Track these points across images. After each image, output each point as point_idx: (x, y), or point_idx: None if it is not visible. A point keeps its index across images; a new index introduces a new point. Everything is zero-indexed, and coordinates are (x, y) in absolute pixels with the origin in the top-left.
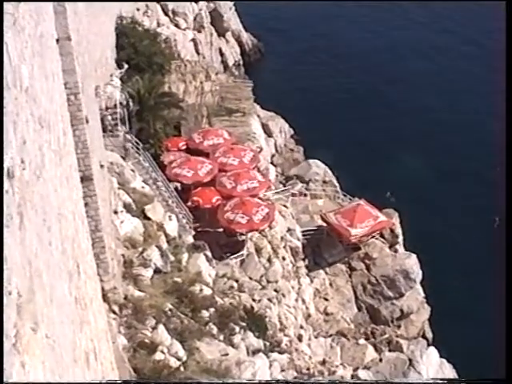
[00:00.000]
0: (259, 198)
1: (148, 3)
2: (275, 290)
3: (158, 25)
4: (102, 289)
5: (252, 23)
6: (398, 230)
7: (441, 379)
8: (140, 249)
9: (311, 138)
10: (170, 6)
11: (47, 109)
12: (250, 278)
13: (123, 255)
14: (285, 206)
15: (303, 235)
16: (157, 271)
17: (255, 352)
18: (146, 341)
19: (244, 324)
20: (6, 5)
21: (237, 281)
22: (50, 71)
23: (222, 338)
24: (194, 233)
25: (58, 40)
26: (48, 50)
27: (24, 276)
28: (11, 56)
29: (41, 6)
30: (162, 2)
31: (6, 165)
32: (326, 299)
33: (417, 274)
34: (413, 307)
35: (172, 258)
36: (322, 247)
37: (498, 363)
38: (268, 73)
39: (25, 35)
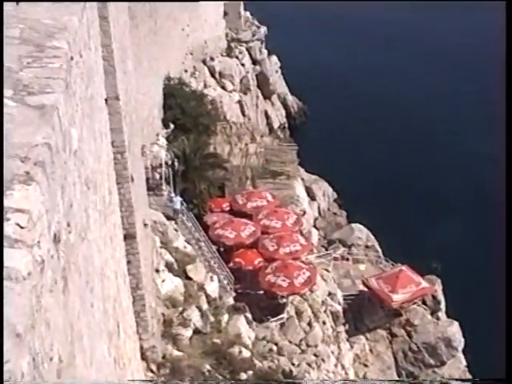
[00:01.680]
0: (301, 261)
1: (195, 65)
2: (315, 355)
3: (205, 86)
4: (141, 347)
5: (298, 86)
6: (441, 297)
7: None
8: (180, 308)
9: (354, 202)
10: (217, 68)
11: (94, 169)
12: (290, 342)
13: (163, 314)
14: (326, 269)
15: (344, 300)
16: (196, 331)
17: None
18: None
19: None
20: (58, 70)
21: (276, 344)
22: (98, 132)
23: None
24: (234, 294)
25: (106, 100)
26: (97, 110)
27: (65, 341)
28: (62, 121)
29: (92, 67)
30: (209, 64)
31: (52, 230)
32: (366, 365)
33: (459, 341)
34: (454, 376)
35: (212, 318)
36: (362, 312)
37: None
38: (313, 136)
39: (76, 99)
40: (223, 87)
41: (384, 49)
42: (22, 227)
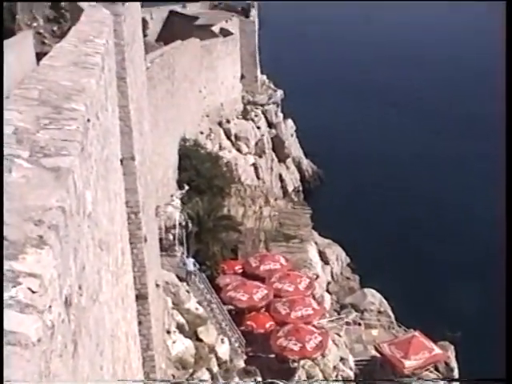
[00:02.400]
0: (313, 326)
1: (211, 127)
2: None
3: (220, 148)
4: None
5: (312, 150)
6: (454, 364)
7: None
8: (190, 370)
9: (367, 267)
10: (233, 130)
11: (108, 231)
12: None
13: (173, 376)
14: (338, 334)
15: (356, 365)
16: None
17: None
18: None
19: None
20: (75, 132)
21: None
22: (112, 192)
23: None
24: (245, 357)
25: (122, 160)
26: (112, 171)
27: None
28: (77, 184)
29: (108, 128)
30: (224, 127)
31: (63, 293)
32: None
33: None
34: None
35: (222, 381)
36: (374, 378)
37: None
38: (326, 200)
39: (91, 161)
40: (238, 150)
41: (397, 114)
42: (33, 292)
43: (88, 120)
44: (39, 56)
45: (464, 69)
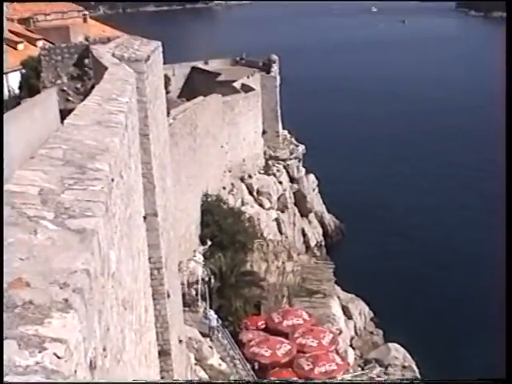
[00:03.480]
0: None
1: (233, 182)
2: None
3: (243, 203)
4: None
5: (335, 205)
6: None
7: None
8: None
9: (391, 322)
10: (255, 185)
11: (131, 289)
12: None
13: None
14: None
15: None
16: None
17: None
18: None
19: None
20: (99, 193)
21: None
22: (136, 250)
23: None
24: None
25: (145, 217)
26: (135, 228)
27: None
28: (101, 245)
29: (131, 186)
30: (246, 182)
31: (88, 356)
32: None
33: None
34: None
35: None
36: None
37: None
38: (349, 254)
39: (115, 220)
40: (261, 205)
41: (414, 166)
42: (59, 357)
43: (112, 180)
44: (63, 113)
45: (475, 119)
